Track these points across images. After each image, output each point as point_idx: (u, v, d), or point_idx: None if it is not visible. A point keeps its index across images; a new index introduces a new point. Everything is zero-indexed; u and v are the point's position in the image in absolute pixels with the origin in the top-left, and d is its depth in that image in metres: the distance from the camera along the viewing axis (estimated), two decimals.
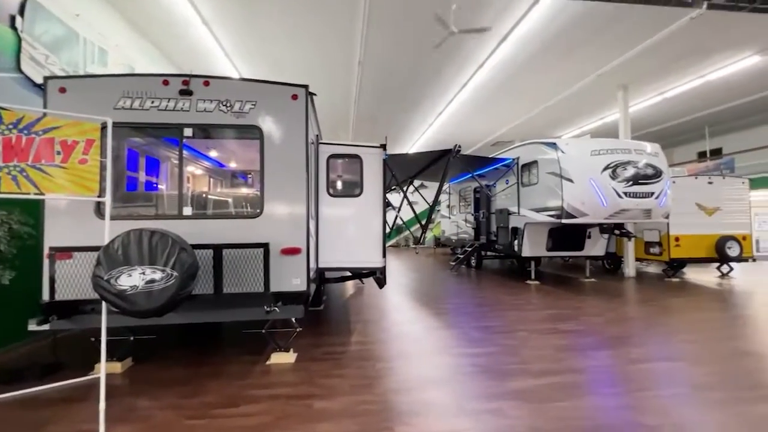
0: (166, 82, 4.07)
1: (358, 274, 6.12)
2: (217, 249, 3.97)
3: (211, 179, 6.82)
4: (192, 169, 6.31)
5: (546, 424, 2.85)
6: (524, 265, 10.90)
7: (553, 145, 8.65)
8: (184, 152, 4.31)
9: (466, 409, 3.10)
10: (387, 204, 5.88)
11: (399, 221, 9.48)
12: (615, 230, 9.06)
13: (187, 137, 4.19)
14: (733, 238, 9.91)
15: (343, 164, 5.74)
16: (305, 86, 4.32)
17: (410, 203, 7.75)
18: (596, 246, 9.87)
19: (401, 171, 9.47)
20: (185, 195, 4.62)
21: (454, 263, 12.20)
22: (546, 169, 8.80)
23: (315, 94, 4.60)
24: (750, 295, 8.10)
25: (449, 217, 15.75)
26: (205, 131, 4.42)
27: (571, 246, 9.78)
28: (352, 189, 5.63)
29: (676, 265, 10.37)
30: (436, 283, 10.12)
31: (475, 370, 3.91)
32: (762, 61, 9.44)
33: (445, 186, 15.75)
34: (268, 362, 4.11)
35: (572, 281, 10.05)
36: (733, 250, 9.86)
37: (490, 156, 11.02)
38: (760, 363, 4.14)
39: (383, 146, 5.59)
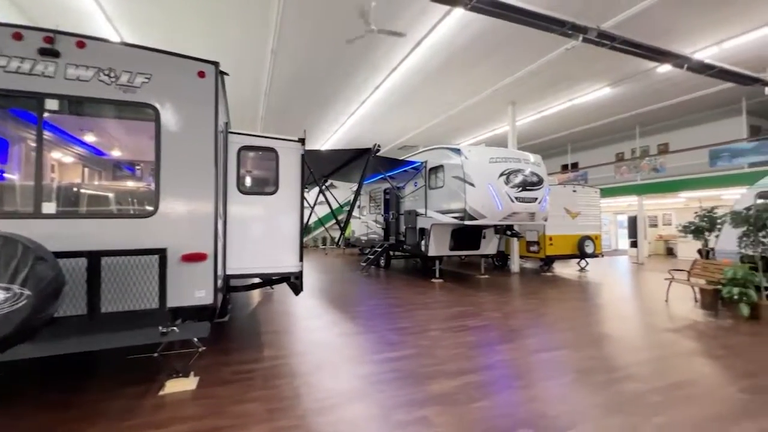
0: (18, 36, 3.07)
1: (270, 280, 5.60)
2: (94, 257, 3.15)
3: (87, 169, 5.46)
4: (58, 155, 4.94)
5: (471, 427, 2.95)
6: (430, 264, 11.53)
7: (458, 151, 9.29)
8: (46, 132, 3.31)
9: (392, 422, 3.03)
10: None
11: (307, 221, 9.10)
12: (507, 231, 10.18)
13: (51, 112, 3.23)
14: (589, 237, 12.09)
15: (257, 158, 5.18)
16: (215, 63, 3.73)
17: (328, 202, 7.46)
18: (490, 245, 10.98)
19: (315, 168, 9.12)
20: (46, 187, 3.58)
21: (364, 264, 12.25)
22: (451, 174, 9.40)
23: (226, 74, 4.01)
24: (601, 285, 9.97)
25: (359, 218, 15.81)
26: (78, 106, 3.48)
27: (470, 245, 10.69)
28: (266, 186, 5.12)
29: (549, 262, 12.18)
30: (349, 285, 10.01)
31: (396, 376, 3.89)
32: (612, 92, 11.67)
33: (355, 186, 15.77)
34: (161, 392, 3.43)
35: (470, 278, 10.98)
36: (589, 248, 12.02)
37: (401, 158, 11.35)
38: (619, 345, 5.05)
39: (302, 140, 5.20)
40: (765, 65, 9.21)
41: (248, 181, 5.23)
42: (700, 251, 9.07)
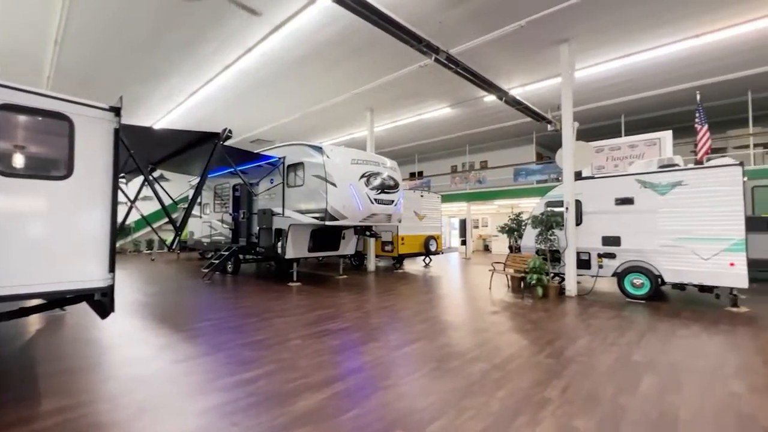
0: None
1: (60, 300, 4.02)
2: None
3: None
4: None
5: None
6: (286, 267, 10.88)
7: (320, 150, 9.03)
8: None
9: None
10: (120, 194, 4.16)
11: (124, 220, 7.17)
12: (366, 232, 10.47)
13: None
14: (433, 237, 13.64)
15: (35, 126, 3.65)
16: None
17: (158, 196, 5.99)
18: (349, 246, 11.11)
19: (139, 152, 7.32)
20: None
21: (207, 270, 10.64)
22: (312, 172, 9.07)
23: None
24: (442, 279, 11.33)
25: (200, 217, 13.74)
26: None
27: (330, 246, 10.56)
28: (52, 167, 3.67)
29: (401, 260, 13.20)
30: (186, 296, 8.46)
31: (254, 401, 3.33)
32: (451, 112, 13.50)
33: (194, 180, 13.65)
34: None
35: (329, 279, 10.86)
36: (433, 246, 13.57)
37: (255, 152, 10.34)
38: (462, 331, 5.69)
39: (115, 110, 3.89)
40: (547, 108, 12.22)
41: (18, 158, 3.62)
42: (510, 247, 11.32)
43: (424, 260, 14.65)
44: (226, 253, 10.97)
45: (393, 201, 9.84)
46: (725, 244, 6.58)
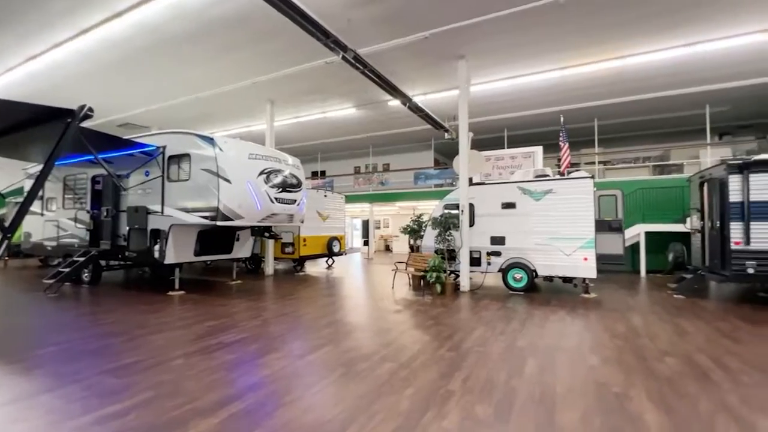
0: None
1: None
2: None
3: None
4: None
5: None
6: (166, 273, 9.40)
7: (211, 141, 8.04)
8: None
9: None
10: None
11: None
12: (265, 233, 9.70)
13: None
14: (336, 238, 13.44)
15: None
16: None
17: None
18: (244, 248, 10.17)
19: None
20: None
21: (51, 280, 8.51)
22: (201, 166, 8.01)
23: None
24: (345, 280, 11.23)
25: (42, 214, 11.01)
26: None
27: (222, 249, 9.51)
28: None
29: (302, 262, 12.65)
30: (21, 316, 6.60)
31: None
32: (356, 113, 13.51)
33: (33, 168, 10.92)
34: None
35: (220, 286, 9.77)
36: (336, 247, 13.36)
37: (126, 138, 8.69)
38: (368, 332, 5.65)
39: None
40: (445, 117, 13.21)
41: None
42: (411, 247, 11.83)
43: (326, 261, 14.35)
44: (83, 258, 8.95)
45: (295, 200, 9.34)
46: (581, 242, 7.98)
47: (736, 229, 7.12)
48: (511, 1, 6.83)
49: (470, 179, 9.49)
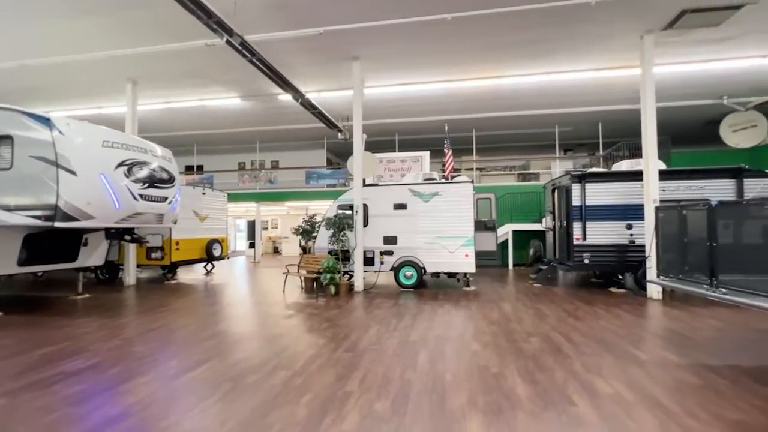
0: None
1: None
2: None
3: None
4: None
5: None
6: None
7: (46, 122, 6.34)
8: None
9: None
10: None
11: None
12: (126, 235, 8.09)
13: None
14: (217, 240, 12.10)
15: None
16: None
17: None
18: (95, 254, 8.34)
19: None
20: None
21: None
22: (30, 151, 6.24)
23: None
24: (229, 286, 10.20)
25: None
26: None
27: (61, 256, 7.62)
28: None
29: (174, 268, 11.02)
30: None
31: None
32: (242, 104, 12.41)
33: None
34: None
35: (58, 302, 7.81)
36: (217, 251, 12.02)
37: None
38: (258, 341, 5.18)
39: None
40: (339, 117, 13.17)
41: None
42: (303, 248, 11.41)
43: (205, 267, 12.82)
44: None
45: (166, 198, 8.02)
46: (462, 240, 8.85)
47: (577, 228, 8.85)
48: (403, 11, 7.16)
49: (364, 180, 9.64)
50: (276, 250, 22.55)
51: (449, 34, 7.99)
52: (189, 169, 19.18)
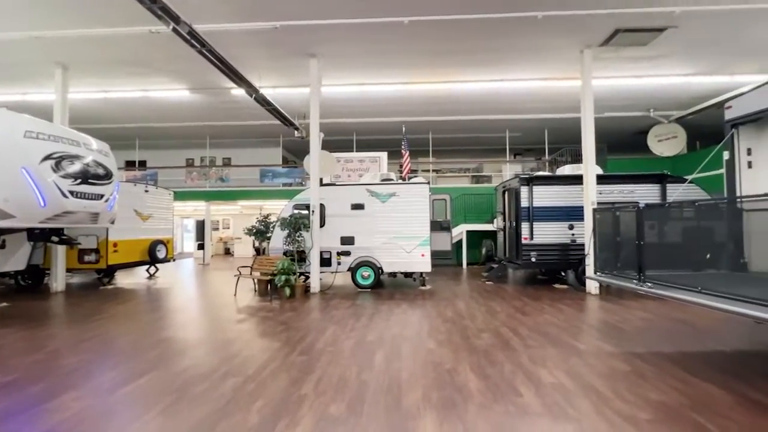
0: None
1: None
2: None
3: None
4: None
5: None
6: None
7: None
8: None
9: None
10: None
11: None
12: (54, 237, 7.30)
13: None
14: (162, 242, 11.30)
15: None
16: None
17: None
18: (13, 258, 7.49)
19: None
20: None
21: None
22: None
23: None
24: (175, 291, 9.58)
25: None
26: None
27: None
28: None
29: (111, 272, 10.15)
30: None
31: None
32: (190, 97, 11.70)
33: None
34: None
35: None
36: (161, 253, 11.22)
37: None
38: (207, 347, 4.91)
39: None
40: (296, 114, 12.86)
41: None
42: (257, 249, 11.00)
43: (148, 270, 11.93)
44: None
45: (102, 195, 7.36)
46: (419, 240, 9.01)
47: (525, 228, 9.35)
48: (362, 11, 7.15)
49: (321, 180, 9.50)
50: (228, 252, 21.55)
51: (406, 37, 8.10)
52: (130, 165, 17.75)
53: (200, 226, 17.38)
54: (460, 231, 13.77)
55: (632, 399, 3.28)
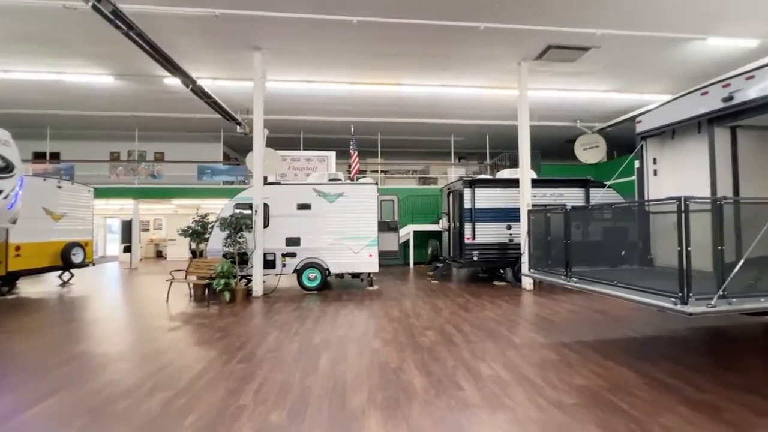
0: None
1: None
2: None
3: None
4: None
5: None
6: None
7: None
8: None
9: None
10: None
11: None
12: None
13: None
14: (78, 244, 10.08)
15: None
16: None
17: None
18: None
19: None
20: None
21: None
22: None
23: None
24: (95, 299, 8.61)
25: None
26: None
27: None
28: None
29: (12, 279, 8.85)
30: None
31: None
32: (115, 83, 10.58)
33: None
34: None
35: None
36: (78, 257, 10.01)
37: None
38: (131, 361, 4.46)
39: None
40: (238, 109, 12.20)
41: None
42: (193, 252, 10.24)
43: (61, 277, 10.58)
44: None
45: (2, 191, 6.40)
46: (367, 240, 9.00)
47: (468, 228, 9.74)
48: (311, 6, 6.98)
49: (265, 178, 9.11)
50: (160, 255, 19.84)
51: (356, 37, 8.05)
52: (39, 157, 15.63)
53: (127, 227, 15.76)
54: (407, 231, 14.02)
55: (560, 386, 3.55)
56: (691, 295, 3.13)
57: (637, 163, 6.06)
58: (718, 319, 5.73)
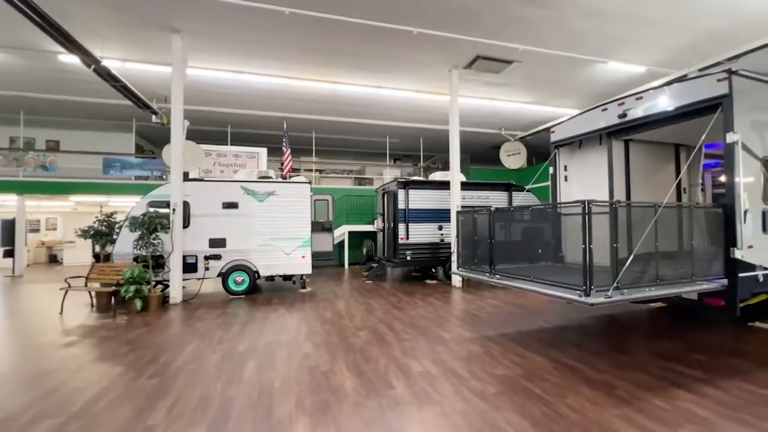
0: None
1: None
2: None
3: None
4: None
5: None
6: None
7: None
8: None
9: None
10: None
11: None
12: None
13: None
14: None
15: None
16: None
17: None
18: None
19: None
20: None
21: None
22: None
23: None
24: None
25: None
26: None
27: None
28: None
29: None
30: None
31: None
32: None
33: None
34: None
35: None
36: None
37: None
38: (10, 388, 3.76)
39: None
40: (153, 97, 10.99)
41: None
42: (97, 255, 8.99)
43: None
44: None
45: None
46: (299, 241, 8.69)
47: (402, 228, 9.93)
48: None
49: (186, 174, 8.33)
50: (54, 259, 17.15)
51: (289, 29, 7.73)
52: None
53: (9, 227, 13.28)
54: (342, 232, 13.88)
55: (483, 377, 3.75)
56: (592, 287, 3.51)
57: (551, 170, 6.70)
58: (614, 307, 6.57)
